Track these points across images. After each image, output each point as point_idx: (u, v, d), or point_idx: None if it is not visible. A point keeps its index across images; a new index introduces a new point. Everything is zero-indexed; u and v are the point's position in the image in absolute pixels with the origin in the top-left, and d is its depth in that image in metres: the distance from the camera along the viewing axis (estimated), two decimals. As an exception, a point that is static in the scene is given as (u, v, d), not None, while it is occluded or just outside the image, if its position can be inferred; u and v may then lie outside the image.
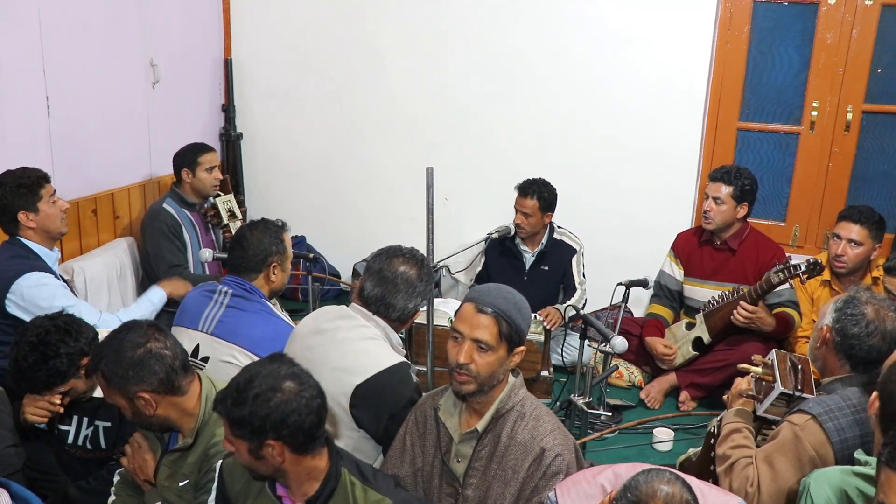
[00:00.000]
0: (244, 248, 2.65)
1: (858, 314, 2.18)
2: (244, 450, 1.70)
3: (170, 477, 2.04)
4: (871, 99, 3.82)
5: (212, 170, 3.77)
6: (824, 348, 2.25)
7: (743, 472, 2.14)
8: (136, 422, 2.02)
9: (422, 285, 2.33)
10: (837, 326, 2.20)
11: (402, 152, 4.56)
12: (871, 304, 2.20)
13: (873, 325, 2.16)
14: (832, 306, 2.25)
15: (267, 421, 1.65)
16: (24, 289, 2.75)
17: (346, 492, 1.75)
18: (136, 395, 1.92)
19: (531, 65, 4.23)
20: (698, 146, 4.10)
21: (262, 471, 1.74)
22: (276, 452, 1.67)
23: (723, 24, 3.93)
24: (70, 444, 2.40)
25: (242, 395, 1.67)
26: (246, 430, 1.66)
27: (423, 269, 2.34)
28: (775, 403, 2.29)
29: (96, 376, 1.96)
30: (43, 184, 2.88)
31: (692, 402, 3.55)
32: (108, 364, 1.93)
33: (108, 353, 1.94)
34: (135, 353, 1.93)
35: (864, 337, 2.16)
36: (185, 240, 3.69)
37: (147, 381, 1.92)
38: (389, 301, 2.28)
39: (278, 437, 1.66)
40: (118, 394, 1.94)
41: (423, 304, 2.41)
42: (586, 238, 4.00)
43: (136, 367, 1.92)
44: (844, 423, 2.06)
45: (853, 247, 3.34)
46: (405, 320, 2.35)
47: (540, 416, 1.97)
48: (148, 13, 3.94)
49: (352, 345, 2.21)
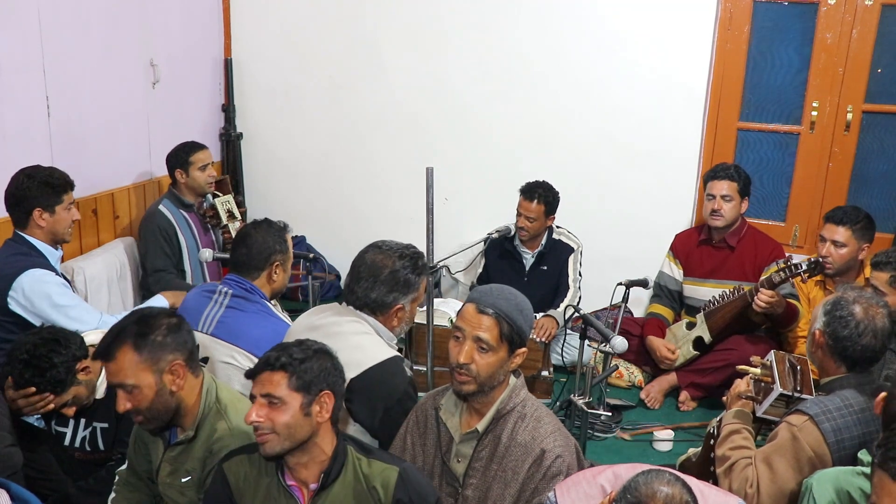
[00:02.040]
0: (248, 246, 2.65)
1: (847, 315, 2.18)
2: (297, 405, 1.75)
3: (171, 473, 2.04)
4: (871, 99, 3.82)
5: (205, 168, 3.75)
6: (819, 352, 2.26)
7: (742, 473, 2.14)
8: (150, 415, 1.95)
9: (392, 276, 2.24)
10: (828, 330, 2.20)
11: (402, 152, 4.56)
12: (860, 303, 2.20)
13: (863, 324, 2.16)
14: (821, 309, 2.25)
15: (324, 371, 1.80)
16: (27, 286, 2.76)
17: (354, 466, 1.83)
18: (171, 365, 1.92)
19: (531, 64, 4.23)
20: (698, 146, 4.10)
21: (300, 435, 1.77)
22: (325, 409, 1.79)
23: (723, 24, 3.93)
24: (68, 445, 2.40)
25: (305, 349, 1.81)
26: (304, 381, 1.77)
27: (400, 261, 2.27)
28: (774, 404, 2.29)
29: (121, 352, 1.89)
30: (68, 189, 2.93)
31: (692, 402, 3.55)
32: (141, 332, 1.90)
33: (135, 326, 1.92)
34: (169, 321, 1.95)
35: (855, 338, 2.16)
36: (181, 242, 3.68)
37: (181, 350, 1.95)
38: (357, 292, 2.26)
39: (332, 388, 1.81)
40: (149, 366, 1.90)
41: (409, 297, 2.30)
42: (586, 238, 4.00)
43: (172, 333, 1.94)
44: (842, 423, 2.06)
45: (837, 248, 3.35)
46: (385, 312, 2.27)
47: (540, 418, 1.97)
48: (148, 13, 3.94)
49: (346, 339, 2.21)
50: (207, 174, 3.76)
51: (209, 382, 2.04)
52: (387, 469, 1.82)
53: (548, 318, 3.66)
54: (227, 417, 2.01)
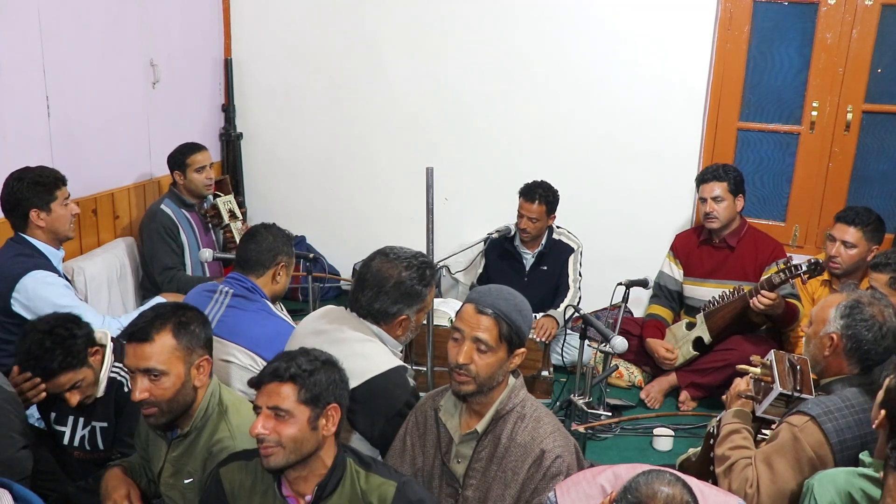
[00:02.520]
0: (258, 242, 2.69)
1: (869, 318, 2.17)
2: (304, 419, 1.71)
3: (174, 475, 2.04)
4: (871, 99, 3.81)
5: (202, 170, 3.74)
6: (832, 355, 2.22)
7: (742, 473, 2.14)
8: (167, 407, 1.92)
9: (397, 286, 2.19)
10: (849, 333, 2.18)
11: (402, 152, 4.56)
12: (874, 305, 2.20)
13: (885, 326, 2.16)
14: (836, 312, 2.22)
15: (332, 384, 1.77)
16: (30, 287, 2.75)
17: (352, 479, 1.80)
18: (200, 360, 1.95)
19: (531, 65, 4.23)
20: (698, 146, 4.10)
21: (305, 449, 1.73)
22: (331, 422, 1.76)
23: (723, 24, 3.93)
24: (67, 444, 2.40)
25: (313, 360, 1.77)
26: (313, 395, 1.73)
27: (407, 272, 2.21)
28: (774, 404, 2.28)
29: (161, 335, 1.89)
30: (59, 185, 2.91)
31: (692, 402, 3.55)
32: (182, 321, 1.91)
33: (173, 314, 1.93)
34: (200, 316, 1.99)
35: (879, 339, 2.16)
36: (183, 241, 3.69)
37: (209, 348, 1.98)
38: (362, 301, 2.23)
39: (338, 401, 1.78)
40: (184, 355, 1.91)
41: (414, 307, 2.25)
42: (586, 238, 4.00)
43: (205, 329, 1.97)
44: (843, 423, 2.06)
45: (847, 248, 3.35)
46: (389, 322, 2.23)
47: (540, 418, 1.97)
48: (148, 13, 3.94)
49: (350, 347, 2.19)
50: (205, 176, 3.75)
51: (213, 384, 2.04)
52: (384, 484, 1.77)
53: (548, 318, 3.66)
54: (229, 420, 2.00)
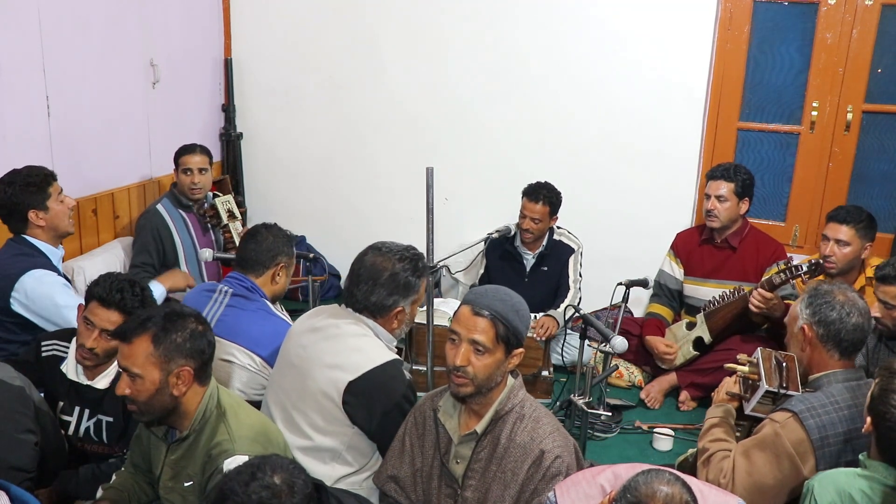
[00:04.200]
0: (258, 242, 2.70)
1: (830, 299, 2.21)
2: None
3: (174, 478, 2.04)
4: (871, 99, 3.81)
5: (188, 172, 3.69)
6: (809, 347, 2.25)
7: (718, 464, 2.17)
8: (144, 408, 1.94)
9: (391, 278, 2.22)
10: (816, 319, 2.22)
11: (402, 152, 4.56)
12: (833, 287, 2.25)
13: (848, 304, 2.20)
14: (801, 304, 2.27)
15: None
16: (29, 286, 2.75)
17: None
18: (180, 370, 1.93)
19: (531, 65, 4.23)
20: (698, 146, 4.10)
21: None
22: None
23: (723, 24, 3.93)
24: (72, 434, 2.40)
25: None
26: None
27: (400, 263, 2.25)
28: (762, 402, 2.29)
29: (139, 339, 1.91)
30: (51, 181, 2.90)
31: (692, 402, 3.55)
32: (165, 328, 1.91)
33: (162, 320, 1.93)
34: (195, 327, 1.96)
35: (845, 317, 2.18)
36: (176, 241, 3.68)
37: (195, 358, 1.94)
38: (357, 296, 2.25)
39: None
40: (160, 363, 1.91)
41: (409, 299, 2.28)
42: (586, 238, 4.00)
43: (193, 339, 1.94)
44: (826, 420, 2.07)
45: (841, 247, 3.35)
46: (385, 315, 2.26)
47: (539, 418, 1.97)
48: (148, 13, 3.94)
49: (345, 342, 2.21)
50: (190, 179, 3.69)
51: (212, 387, 2.03)
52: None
53: (548, 318, 3.66)
54: (227, 422, 2.00)
